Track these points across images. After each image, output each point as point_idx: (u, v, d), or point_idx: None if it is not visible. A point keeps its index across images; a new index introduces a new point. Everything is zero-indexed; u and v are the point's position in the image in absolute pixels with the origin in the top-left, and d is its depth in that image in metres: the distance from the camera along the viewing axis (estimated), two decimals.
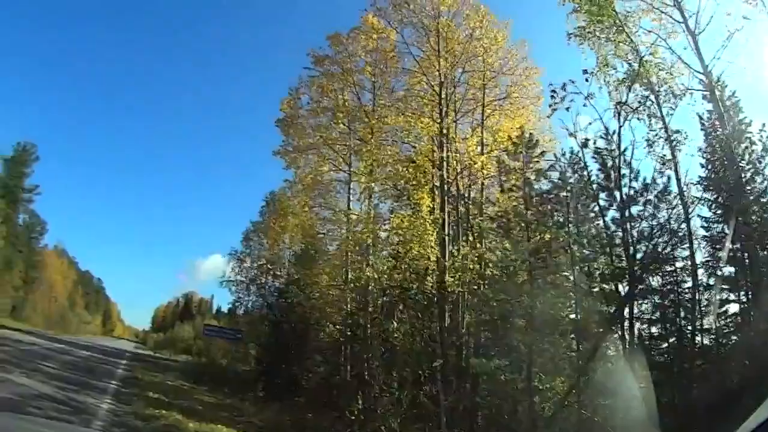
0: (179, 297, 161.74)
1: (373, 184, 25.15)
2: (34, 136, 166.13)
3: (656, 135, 14.98)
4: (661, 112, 15.16)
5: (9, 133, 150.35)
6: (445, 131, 21.90)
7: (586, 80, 15.44)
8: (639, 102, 15.25)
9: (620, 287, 14.45)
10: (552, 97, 16.11)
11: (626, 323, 14.13)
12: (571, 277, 15.71)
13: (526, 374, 14.54)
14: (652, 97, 15.31)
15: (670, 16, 16.11)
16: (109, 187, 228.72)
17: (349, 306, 25.02)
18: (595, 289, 15.06)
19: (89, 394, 17.31)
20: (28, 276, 78.26)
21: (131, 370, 33.88)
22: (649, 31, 16.35)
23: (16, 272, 70.39)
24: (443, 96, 22.48)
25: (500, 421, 15.22)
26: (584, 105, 15.39)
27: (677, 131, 14.97)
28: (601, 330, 13.68)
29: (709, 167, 18.50)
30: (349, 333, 24.65)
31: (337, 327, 26.34)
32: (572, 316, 15.48)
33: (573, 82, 15.59)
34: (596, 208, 15.99)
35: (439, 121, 22.15)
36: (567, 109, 15.57)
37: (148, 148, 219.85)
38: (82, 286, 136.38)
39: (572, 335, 15.14)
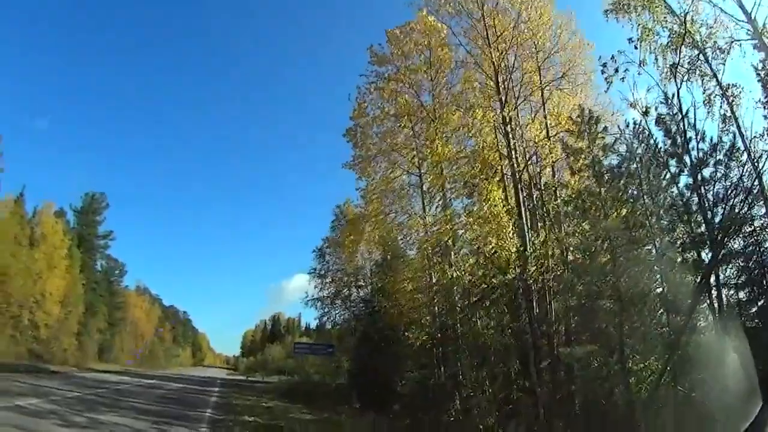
0: (266, 319, 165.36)
1: (444, 184, 25.58)
2: (108, 177, 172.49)
3: (713, 93, 14.88)
4: (712, 69, 15.06)
5: (82, 175, 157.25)
6: (507, 120, 22.10)
7: (635, 47, 15.50)
8: (689, 63, 15.17)
9: (703, 254, 14.45)
10: (602, 72, 16.24)
11: (713, 291, 14.01)
12: (653, 250, 15.71)
13: (618, 356, 14.60)
14: (701, 56, 15.21)
15: None
16: (189, 223, 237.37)
17: (436, 307, 25.43)
18: (678, 260, 14.98)
19: (184, 425, 18.15)
20: (113, 318, 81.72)
21: (225, 396, 35.06)
22: None
23: (99, 316, 73.86)
24: (500, 84, 22.68)
25: (597, 407, 15.22)
26: (638, 73, 15.42)
27: (733, 85, 14.84)
28: (689, 301, 13.58)
29: None
30: (438, 335, 25.05)
31: (426, 330, 26.75)
32: (659, 290, 15.43)
33: (621, 52, 15.68)
34: (668, 176, 15.87)
35: (499, 110, 22.43)
36: (622, 79, 15.65)
37: (221, 178, 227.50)
38: (168, 320, 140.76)
39: (661, 310, 15.09)
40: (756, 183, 14.01)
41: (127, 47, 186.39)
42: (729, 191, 13.86)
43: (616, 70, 15.52)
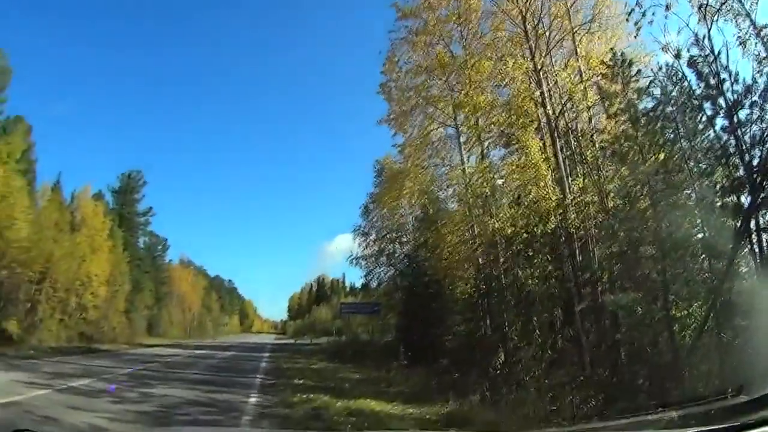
0: (311, 282, 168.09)
1: (481, 135, 25.76)
2: (142, 151, 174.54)
3: (746, 33, 14.65)
4: (745, 8, 14.79)
5: (116, 153, 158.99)
6: (539, 67, 22.09)
7: None
8: (720, 2, 14.91)
9: (742, 198, 14.39)
10: (627, 20, 16.20)
11: (754, 236, 13.95)
12: (693, 195, 15.68)
13: (662, 303, 14.66)
14: None
15: None
16: (228, 193, 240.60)
17: (479, 259, 25.78)
18: (718, 204, 14.90)
19: (235, 392, 18.55)
20: (159, 292, 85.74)
21: (274, 361, 36.02)
22: None
23: (146, 292, 77.03)
24: (528, 32, 22.64)
25: (642, 355, 15.34)
26: (665, 17, 15.25)
27: (765, 26, 14.54)
28: (730, 246, 13.56)
29: None
30: (483, 287, 25.43)
31: (471, 282, 27.16)
32: (699, 235, 15.39)
33: None
34: (703, 119, 15.70)
35: (530, 58, 22.39)
36: (650, 22, 15.49)
37: (259, 144, 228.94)
38: (214, 290, 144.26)
39: (703, 255, 14.87)
40: None
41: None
42: (765, 133, 13.68)
43: (643, 14, 15.43)
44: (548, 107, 21.75)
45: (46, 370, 22.23)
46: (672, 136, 16.09)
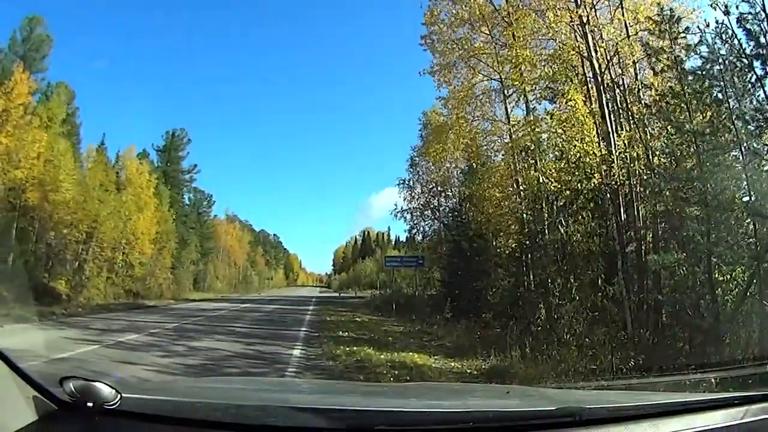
0: (356, 235, 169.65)
1: (526, 88, 25.69)
2: (185, 108, 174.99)
3: None
4: None
5: (159, 112, 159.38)
6: (585, 20, 21.80)
7: None
8: None
9: None
10: None
11: None
12: (740, 156, 15.51)
13: (705, 266, 14.60)
14: None
15: None
16: (273, 146, 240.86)
17: (523, 214, 25.94)
18: (766, 167, 14.73)
19: (279, 345, 19.11)
20: (204, 248, 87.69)
21: (318, 314, 36.85)
22: None
23: (192, 248, 78.88)
24: None
25: (683, 317, 15.31)
26: None
27: None
28: None
29: None
30: (526, 242, 25.66)
31: (515, 237, 27.40)
32: (745, 198, 15.10)
33: None
34: (753, 79, 15.45)
35: (575, 10, 22.09)
36: None
37: (306, 95, 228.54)
38: (260, 245, 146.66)
39: (748, 219, 14.77)
40: None
41: None
42: None
43: None
44: (594, 61, 21.57)
45: (95, 327, 22.97)
46: (719, 95, 15.90)
